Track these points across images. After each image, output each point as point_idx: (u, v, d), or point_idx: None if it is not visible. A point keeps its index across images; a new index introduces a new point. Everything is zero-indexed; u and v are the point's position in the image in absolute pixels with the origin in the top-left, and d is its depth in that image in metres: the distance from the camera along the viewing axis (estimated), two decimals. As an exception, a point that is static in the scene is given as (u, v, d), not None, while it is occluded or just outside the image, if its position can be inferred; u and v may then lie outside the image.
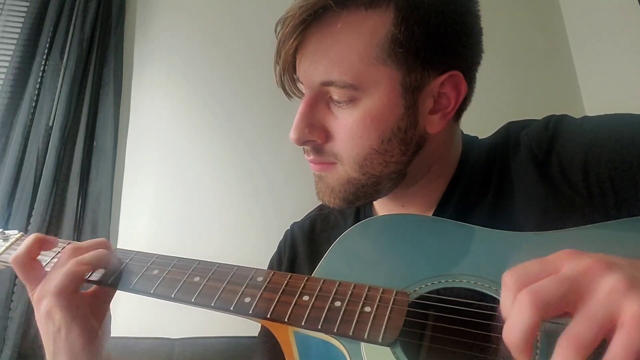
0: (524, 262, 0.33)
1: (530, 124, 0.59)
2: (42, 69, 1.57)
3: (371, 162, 0.54)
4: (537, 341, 0.38)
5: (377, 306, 0.45)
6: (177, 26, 1.78)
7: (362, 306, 0.45)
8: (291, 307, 0.47)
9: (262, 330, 0.68)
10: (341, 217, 0.70)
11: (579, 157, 0.52)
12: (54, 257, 0.60)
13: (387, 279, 0.48)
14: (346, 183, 0.56)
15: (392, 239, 0.54)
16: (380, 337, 0.42)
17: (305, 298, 0.48)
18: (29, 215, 1.43)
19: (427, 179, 0.60)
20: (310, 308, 0.47)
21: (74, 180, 1.50)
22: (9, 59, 1.56)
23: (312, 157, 0.57)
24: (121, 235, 1.56)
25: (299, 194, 1.54)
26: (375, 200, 0.64)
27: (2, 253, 0.63)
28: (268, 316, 0.48)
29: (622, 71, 1.75)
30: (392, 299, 0.45)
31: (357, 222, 0.61)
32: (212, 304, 0.50)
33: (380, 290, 0.46)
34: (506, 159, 0.58)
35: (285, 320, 0.47)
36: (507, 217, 0.54)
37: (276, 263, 0.73)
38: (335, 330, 0.44)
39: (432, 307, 0.46)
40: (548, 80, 1.96)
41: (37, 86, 1.56)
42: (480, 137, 0.66)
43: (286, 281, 0.50)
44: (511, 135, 0.60)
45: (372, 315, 0.44)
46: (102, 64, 1.64)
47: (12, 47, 1.57)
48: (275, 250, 0.75)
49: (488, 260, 0.48)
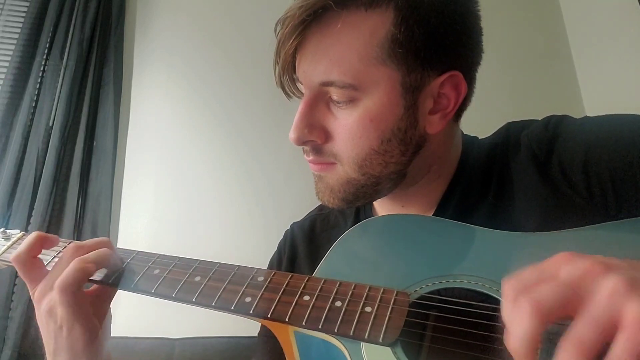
0: (522, 270, 0.33)
1: (530, 124, 0.59)
2: (42, 69, 1.57)
3: (371, 163, 0.54)
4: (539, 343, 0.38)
5: (378, 306, 0.45)
6: (177, 26, 1.78)
7: (363, 306, 0.45)
8: (292, 307, 0.47)
9: (262, 330, 0.68)
10: (341, 217, 0.70)
11: (580, 158, 0.52)
12: (55, 257, 0.60)
13: (387, 279, 0.48)
14: (346, 183, 0.56)
15: (392, 239, 0.54)
16: (380, 337, 0.42)
17: (306, 298, 0.48)
18: (29, 215, 1.43)
19: (427, 179, 0.60)
20: (311, 308, 0.47)
21: (74, 180, 1.50)
22: (9, 59, 1.56)
23: (311, 158, 0.57)
24: (121, 235, 1.56)
25: (299, 194, 1.54)
26: (375, 200, 0.64)
27: (3, 252, 0.63)
28: (269, 316, 0.48)
29: (622, 71, 1.75)
30: (392, 299, 0.45)
31: (357, 222, 0.61)
32: (213, 304, 0.50)
33: (381, 290, 0.46)
34: (506, 159, 0.58)
35: (286, 320, 0.47)
36: (508, 218, 0.54)
37: (276, 263, 0.73)
38: (335, 330, 0.44)
39: (433, 307, 0.46)
40: (548, 80, 1.96)
41: (37, 86, 1.56)
42: (480, 137, 0.66)
43: (287, 281, 0.50)
44: (511, 136, 0.59)
45: (372, 315, 0.44)
46: (102, 64, 1.64)
47: (12, 47, 1.57)
48: (275, 250, 0.75)
49: (488, 261, 0.48)
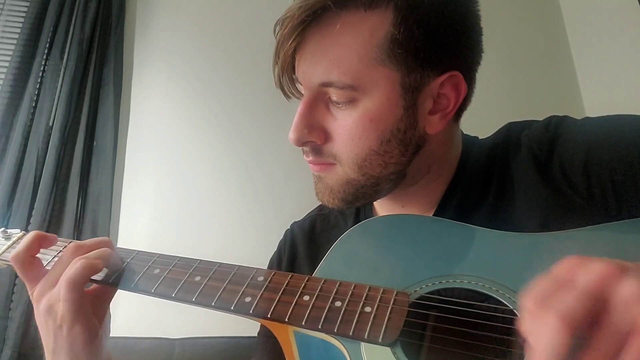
0: (536, 281, 0.32)
1: (531, 124, 0.59)
2: (42, 69, 1.57)
3: (370, 163, 0.54)
4: None
5: (378, 306, 0.45)
6: (177, 26, 1.78)
7: (363, 306, 0.45)
8: (291, 307, 0.47)
9: (262, 330, 0.68)
10: (341, 217, 0.70)
11: (580, 158, 0.51)
12: (55, 256, 0.60)
13: (387, 280, 0.48)
14: (345, 184, 0.56)
15: (392, 240, 0.54)
16: (380, 337, 0.42)
17: (306, 298, 0.48)
18: (29, 215, 1.44)
19: (427, 179, 0.60)
20: (311, 308, 0.47)
21: (74, 180, 1.50)
22: (9, 59, 1.56)
23: (311, 158, 0.57)
24: (121, 235, 1.56)
25: (299, 194, 1.54)
26: (375, 200, 0.63)
27: (4, 251, 0.63)
28: (268, 316, 0.48)
29: (622, 71, 1.75)
30: (392, 299, 0.45)
31: (358, 222, 0.61)
32: (213, 304, 0.50)
33: (381, 290, 0.46)
34: (507, 159, 0.58)
35: (286, 320, 0.47)
36: (508, 218, 0.54)
37: (276, 262, 0.73)
38: (335, 330, 0.44)
39: (433, 307, 0.46)
40: (548, 80, 1.96)
41: (37, 86, 1.56)
42: (480, 137, 0.66)
43: (287, 281, 0.50)
44: (512, 136, 0.59)
45: (372, 315, 0.44)
46: (102, 64, 1.64)
47: (12, 47, 1.57)
48: (276, 249, 0.75)
49: (488, 261, 0.48)
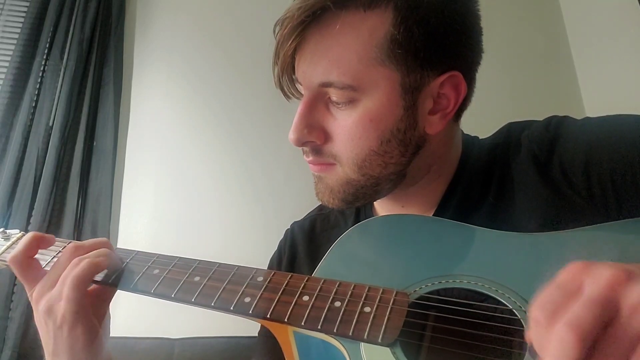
0: (543, 292, 0.32)
1: (531, 124, 0.59)
2: (42, 69, 1.57)
3: (370, 163, 0.54)
4: None
5: (377, 306, 0.45)
6: (177, 26, 1.78)
7: (362, 306, 0.45)
8: (291, 307, 0.47)
9: (262, 330, 0.68)
10: (341, 217, 0.70)
11: (580, 158, 0.51)
12: (54, 257, 0.60)
13: (387, 280, 0.48)
14: (345, 184, 0.56)
15: (392, 240, 0.54)
16: (379, 338, 0.42)
17: (305, 298, 0.48)
18: (29, 215, 1.44)
19: (427, 179, 0.60)
20: (310, 308, 0.47)
21: (74, 180, 1.50)
22: (9, 59, 1.56)
23: (311, 158, 0.57)
24: (121, 235, 1.56)
25: (299, 194, 1.54)
26: (375, 200, 0.63)
27: (3, 252, 0.63)
28: (268, 316, 0.48)
29: (622, 71, 1.75)
30: (392, 299, 0.45)
31: (358, 222, 0.61)
32: (212, 304, 0.50)
33: (380, 290, 0.46)
34: (507, 159, 0.58)
35: (285, 320, 0.47)
36: (508, 218, 0.54)
37: (276, 262, 0.73)
38: (335, 331, 0.44)
39: (432, 307, 0.46)
40: (548, 80, 1.96)
41: (37, 86, 1.56)
42: (480, 137, 0.66)
43: (286, 281, 0.50)
44: (512, 136, 0.59)
45: (371, 315, 0.44)
46: (102, 64, 1.64)
47: (12, 47, 1.57)
48: (276, 249, 0.75)
49: (488, 261, 0.48)
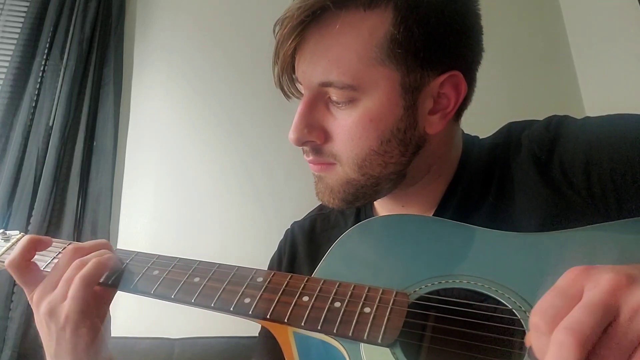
0: (543, 297, 0.32)
1: (531, 124, 0.59)
2: (42, 69, 1.57)
3: (370, 163, 0.54)
4: None
5: (377, 307, 0.45)
6: (177, 26, 1.78)
7: (362, 307, 0.45)
8: (291, 308, 0.47)
9: (262, 330, 0.68)
10: (341, 217, 0.70)
11: (581, 158, 0.51)
12: (54, 258, 0.60)
13: (387, 280, 0.48)
14: (345, 184, 0.56)
15: (392, 240, 0.54)
16: (379, 338, 0.42)
17: (305, 299, 0.48)
18: (29, 215, 1.43)
19: (427, 179, 0.60)
20: (310, 309, 0.47)
21: (74, 180, 1.50)
22: (9, 59, 1.56)
23: (311, 158, 0.57)
24: (121, 235, 1.56)
25: (299, 194, 1.54)
26: (375, 200, 0.63)
27: (3, 253, 0.63)
28: (268, 317, 0.48)
29: (622, 71, 1.74)
30: (391, 299, 0.45)
31: (358, 222, 0.61)
32: (212, 305, 0.50)
33: (380, 291, 0.46)
34: (507, 159, 0.58)
35: (285, 320, 0.47)
36: (508, 218, 0.54)
37: (276, 262, 0.73)
38: (334, 331, 0.44)
39: (432, 307, 0.46)
40: (548, 80, 1.96)
41: (37, 86, 1.56)
42: (480, 137, 0.65)
43: (286, 282, 0.50)
44: (512, 136, 0.59)
45: (371, 315, 0.44)
46: (102, 64, 1.64)
47: (12, 47, 1.57)
48: (276, 249, 0.75)
49: (488, 261, 0.47)
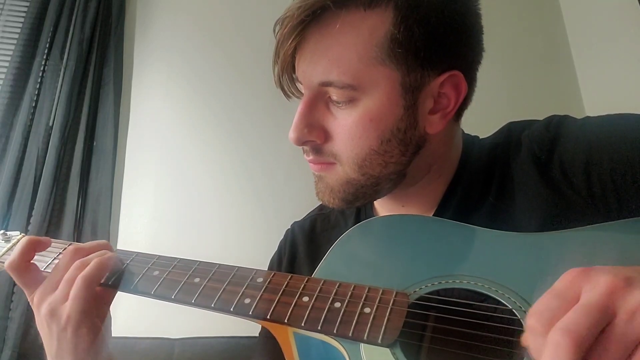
0: (540, 299, 0.32)
1: (531, 124, 0.59)
2: (42, 69, 1.57)
3: (370, 163, 0.54)
4: None
5: (377, 307, 0.45)
6: (177, 26, 1.78)
7: (362, 307, 0.45)
8: (291, 308, 0.47)
9: (262, 330, 0.68)
10: (342, 217, 0.70)
11: (581, 158, 0.51)
12: (55, 258, 0.60)
13: (387, 280, 0.48)
14: (345, 183, 0.56)
15: (392, 240, 0.54)
16: (379, 338, 0.42)
17: (305, 299, 0.48)
18: (29, 215, 1.43)
19: (428, 179, 0.60)
20: (310, 309, 0.47)
21: (74, 180, 1.50)
22: (9, 59, 1.56)
23: (311, 157, 0.57)
24: (121, 235, 1.56)
25: (299, 194, 1.54)
26: (375, 200, 0.63)
27: (3, 254, 0.63)
28: (268, 317, 0.47)
29: (622, 71, 1.74)
30: (391, 299, 0.45)
31: (358, 222, 0.61)
32: (212, 305, 0.50)
33: (380, 291, 0.46)
34: (507, 159, 0.58)
35: (285, 321, 0.47)
36: (508, 218, 0.54)
37: (276, 262, 0.73)
38: (334, 331, 0.44)
39: (432, 308, 0.46)
40: (548, 80, 1.96)
41: (37, 86, 1.56)
42: (480, 137, 0.65)
43: (286, 282, 0.50)
44: (512, 136, 0.59)
45: (371, 316, 0.44)
46: (102, 64, 1.63)
47: (12, 47, 1.57)
48: (276, 249, 0.75)
49: (488, 261, 0.47)
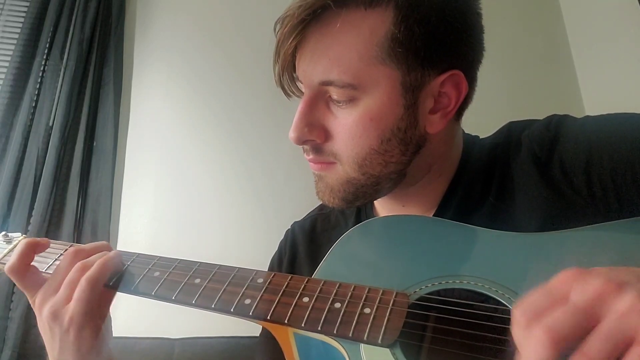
0: (530, 293, 0.32)
1: (531, 124, 0.59)
2: (42, 69, 1.57)
3: (370, 162, 0.54)
4: None
5: (377, 307, 0.45)
6: (177, 26, 1.78)
7: (362, 307, 0.45)
8: (291, 309, 0.47)
9: (263, 331, 0.68)
10: (342, 217, 0.70)
11: (581, 158, 0.51)
12: (56, 260, 0.60)
13: (387, 280, 0.48)
14: (345, 183, 0.56)
15: (392, 240, 0.54)
16: (379, 339, 0.42)
17: (305, 299, 0.48)
18: (29, 215, 1.43)
19: (428, 178, 0.60)
20: (310, 309, 0.47)
21: (74, 180, 1.50)
22: (9, 59, 1.56)
23: (311, 157, 0.57)
24: (121, 235, 1.55)
25: (299, 194, 1.53)
26: (375, 200, 0.63)
27: (5, 255, 0.63)
28: (268, 317, 0.47)
29: (622, 71, 1.74)
30: (392, 300, 0.45)
31: (358, 222, 0.60)
32: (213, 306, 0.50)
33: (380, 291, 0.46)
34: (507, 159, 0.58)
35: (285, 321, 0.47)
36: (508, 218, 0.54)
37: (277, 263, 0.73)
38: (334, 332, 0.44)
39: (432, 308, 0.45)
40: (548, 80, 1.96)
41: (37, 86, 1.56)
42: (480, 137, 0.65)
43: (286, 282, 0.50)
44: (512, 136, 0.59)
45: (371, 316, 0.44)
46: (102, 64, 1.63)
47: (12, 47, 1.57)
48: (276, 249, 0.75)
49: (489, 261, 0.47)
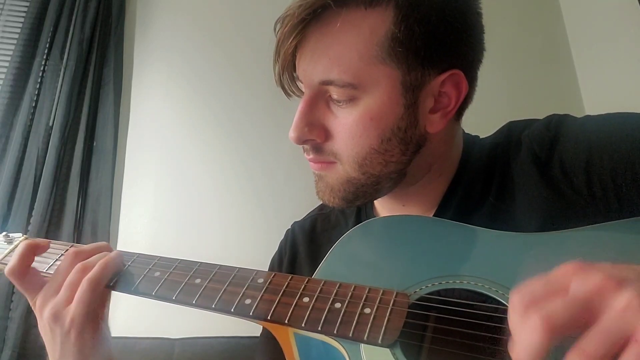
0: (530, 279, 0.32)
1: (531, 124, 0.59)
2: (42, 69, 1.57)
3: (371, 162, 0.54)
4: None
5: (377, 307, 0.45)
6: (177, 26, 1.78)
7: (362, 307, 0.45)
8: (291, 309, 0.47)
9: (263, 331, 0.68)
10: (342, 216, 0.70)
11: (581, 158, 0.51)
12: (56, 260, 0.60)
13: (387, 281, 0.48)
14: (346, 182, 0.56)
15: (392, 240, 0.54)
16: (379, 339, 0.42)
17: (306, 299, 0.48)
18: (29, 215, 1.43)
19: (428, 178, 0.60)
20: (311, 309, 0.47)
21: (74, 180, 1.50)
22: (9, 59, 1.56)
23: (311, 156, 0.57)
24: (121, 235, 1.55)
25: (299, 194, 1.53)
26: (375, 199, 0.63)
27: (5, 255, 0.63)
28: (268, 318, 0.47)
29: (622, 71, 1.74)
30: (392, 300, 0.45)
31: (358, 221, 0.60)
32: (213, 306, 0.50)
33: (381, 291, 0.46)
34: (507, 159, 0.58)
35: (286, 321, 0.47)
36: (508, 218, 0.54)
37: (277, 263, 0.73)
38: (335, 332, 0.44)
39: (433, 308, 0.45)
40: (548, 80, 1.96)
41: (37, 86, 1.56)
42: (480, 137, 0.65)
43: (287, 282, 0.50)
44: (512, 135, 0.59)
45: (371, 316, 0.44)
46: (102, 64, 1.63)
47: (12, 47, 1.57)
48: (277, 249, 0.75)
49: (489, 261, 0.47)
